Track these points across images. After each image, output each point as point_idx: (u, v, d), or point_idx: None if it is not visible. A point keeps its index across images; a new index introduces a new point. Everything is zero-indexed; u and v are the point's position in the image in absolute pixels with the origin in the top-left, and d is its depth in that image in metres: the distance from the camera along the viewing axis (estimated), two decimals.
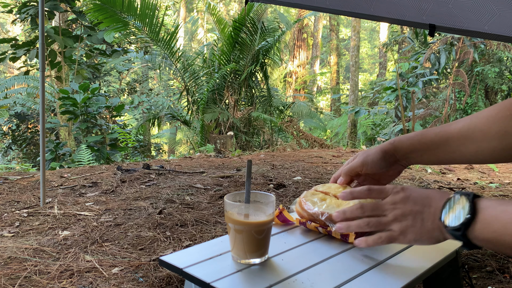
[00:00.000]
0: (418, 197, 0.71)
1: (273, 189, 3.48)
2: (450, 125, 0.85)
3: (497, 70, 8.96)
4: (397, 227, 0.71)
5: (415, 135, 0.87)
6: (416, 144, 0.86)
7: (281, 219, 0.93)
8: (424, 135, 0.86)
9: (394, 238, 0.71)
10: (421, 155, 0.86)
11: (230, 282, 0.66)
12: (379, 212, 0.74)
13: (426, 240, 0.70)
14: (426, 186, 3.68)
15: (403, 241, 0.71)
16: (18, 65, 10.67)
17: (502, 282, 1.94)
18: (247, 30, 8.38)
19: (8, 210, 2.77)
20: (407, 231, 0.70)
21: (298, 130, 8.90)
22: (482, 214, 0.62)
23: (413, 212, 0.70)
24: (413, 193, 0.73)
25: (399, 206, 0.72)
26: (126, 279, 1.79)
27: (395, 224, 0.72)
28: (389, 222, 0.72)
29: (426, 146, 0.85)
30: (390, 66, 17.15)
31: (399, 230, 0.71)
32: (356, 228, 0.75)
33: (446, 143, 0.83)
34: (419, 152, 0.86)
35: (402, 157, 0.88)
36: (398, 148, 0.87)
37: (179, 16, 18.56)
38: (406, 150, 0.87)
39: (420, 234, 0.69)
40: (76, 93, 6.37)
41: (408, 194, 0.72)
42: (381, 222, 0.73)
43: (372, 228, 0.74)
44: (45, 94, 3.10)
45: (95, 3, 6.92)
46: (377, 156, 0.87)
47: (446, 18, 2.30)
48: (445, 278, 0.94)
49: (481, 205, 0.63)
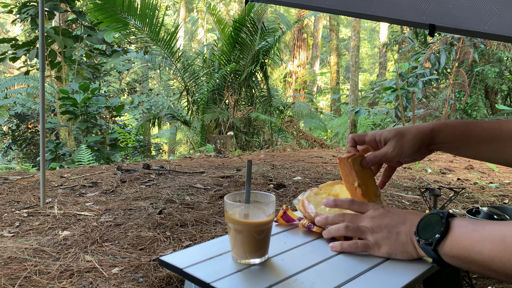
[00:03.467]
0: (395, 214, 0.75)
1: (273, 189, 3.48)
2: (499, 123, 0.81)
3: (497, 70, 8.96)
4: (372, 237, 0.75)
5: (458, 124, 0.83)
6: (458, 135, 0.82)
7: (285, 219, 0.93)
8: (470, 127, 0.82)
9: (369, 247, 0.75)
10: (457, 147, 0.83)
11: (230, 282, 0.66)
12: (358, 222, 0.77)
13: (399, 253, 0.73)
14: (426, 186, 3.68)
15: (377, 252, 0.75)
16: (18, 65, 10.67)
17: (502, 282, 1.95)
18: (247, 30, 8.38)
19: (8, 210, 2.77)
20: (381, 243, 0.74)
21: (298, 130, 8.91)
22: (453, 232, 0.65)
23: (389, 226, 0.74)
24: (392, 210, 0.76)
25: (376, 219, 0.76)
26: (126, 279, 1.79)
27: (371, 234, 0.75)
28: (365, 231, 0.76)
29: (468, 139, 0.82)
30: (390, 66, 17.15)
31: (374, 240, 0.75)
32: (335, 232, 0.79)
33: (492, 141, 0.81)
34: (458, 143, 0.83)
35: (437, 144, 0.83)
36: (437, 136, 0.83)
37: (179, 16, 18.56)
38: (445, 139, 0.83)
39: (394, 247, 0.73)
40: (76, 93, 6.37)
41: (387, 211, 0.76)
42: (358, 229, 0.76)
43: (349, 233, 0.77)
44: (45, 94, 3.10)
45: (95, 3, 6.92)
46: (415, 147, 0.82)
47: (446, 18, 2.30)
48: (445, 278, 0.94)
49: (453, 224, 0.66)
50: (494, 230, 0.60)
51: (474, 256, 0.60)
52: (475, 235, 0.61)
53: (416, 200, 3.29)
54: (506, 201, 3.43)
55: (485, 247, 0.59)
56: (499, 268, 0.58)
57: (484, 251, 0.59)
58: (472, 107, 9.26)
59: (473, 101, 9.24)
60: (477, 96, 9.23)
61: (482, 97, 9.38)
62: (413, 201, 3.25)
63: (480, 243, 0.60)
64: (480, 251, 0.60)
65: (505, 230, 0.58)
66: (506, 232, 0.58)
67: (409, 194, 3.47)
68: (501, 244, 0.57)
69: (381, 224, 0.75)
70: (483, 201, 3.41)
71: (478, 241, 0.60)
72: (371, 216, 0.76)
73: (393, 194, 3.44)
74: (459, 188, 1.49)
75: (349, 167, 0.85)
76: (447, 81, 9.65)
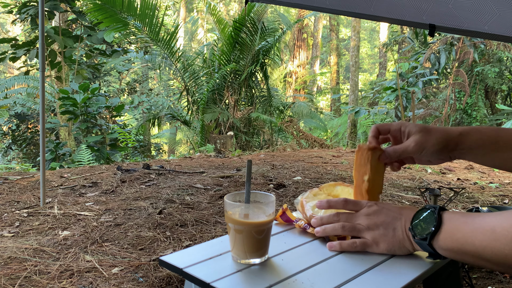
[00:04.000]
0: (390, 211, 0.76)
1: (273, 189, 3.48)
2: None
3: (497, 70, 8.96)
4: (370, 235, 0.75)
5: (486, 130, 0.80)
6: (486, 139, 0.79)
7: (284, 219, 0.93)
8: (498, 133, 0.79)
9: (368, 245, 0.75)
10: (484, 154, 0.80)
11: (230, 282, 0.66)
12: (353, 221, 0.78)
13: (398, 249, 0.74)
14: (426, 186, 3.68)
15: (376, 249, 0.75)
16: (18, 65, 10.67)
17: (502, 282, 1.95)
18: (247, 30, 8.38)
19: (8, 210, 2.77)
20: (379, 240, 0.74)
21: (298, 130, 8.91)
22: (446, 225, 0.67)
23: (385, 223, 0.74)
24: (386, 206, 0.77)
25: (371, 217, 0.76)
26: (126, 279, 1.79)
27: (368, 232, 0.76)
28: (362, 230, 0.76)
29: (496, 146, 0.78)
30: (390, 66, 17.15)
31: (372, 238, 0.75)
32: (332, 231, 0.79)
33: None
34: (485, 149, 0.79)
35: (462, 150, 0.80)
36: (464, 140, 0.79)
37: (179, 16, 18.56)
38: (472, 144, 0.79)
39: (392, 243, 0.74)
40: (76, 93, 6.37)
41: (381, 207, 0.77)
42: (355, 228, 0.77)
43: (346, 232, 0.77)
44: (45, 94, 3.10)
45: (95, 3, 6.92)
46: (437, 147, 0.79)
47: (446, 18, 2.30)
48: (445, 278, 0.94)
49: (445, 217, 0.68)
50: (485, 221, 0.62)
51: (467, 247, 0.63)
52: (467, 227, 0.63)
53: (416, 200, 3.29)
54: (506, 201, 3.43)
55: (477, 238, 0.61)
56: (491, 257, 0.60)
57: (475, 242, 0.61)
58: (472, 107, 9.26)
59: (473, 101, 9.24)
60: (477, 96, 9.24)
61: (482, 97, 9.38)
62: (413, 201, 3.25)
63: (471, 235, 0.62)
64: (472, 242, 0.62)
65: (495, 221, 0.60)
66: (495, 223, 0.60)
67: (409, 194, 3.47)
68: (491, 234, 0.59)
69: (377, 221, 0.75)
70: (483, 201, 3.41)
71: (469, 232, 0.63)
72: (366, 214, 0.77)
73: (393, 194, 3.44)
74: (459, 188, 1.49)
75: (366, 158, 0.83)
76: (447, 81, 9.65)
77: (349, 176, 4.20)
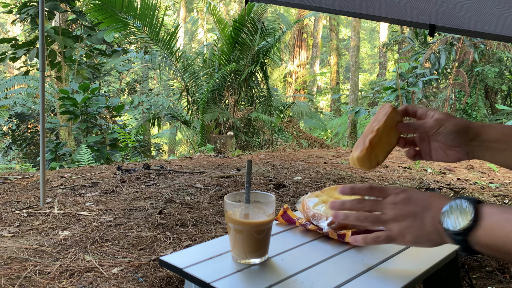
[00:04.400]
0: (419, 199, 0.70)
1: (273, 189, 3.48)
2: None
3: (497, 70, 8.96)
4: (396, 227, 0.70)
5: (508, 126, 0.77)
6: (508, 135, 0.75)
7: (285, 219, 0.93)
8: None
9: (393, 239, 0.70)
10: (504, 150, 0.76)
11: (230, 282, 0.66)
12: (378, 210, 0.72)
13: (424, 242, 0.69)
14: (426, 186, 3.68)
15: (401, 242, 0.70)
16: (18, 65, 10.66)
17: (502, 282, 1.95)
18: (247, 30, 8.38)
19: (8, 210, 2.77)
20: (405, 232, 0.69)
21: (298, 130, 8.90)
22: (485, 221, 0.61)
23: (413, 213, 0.69)
24: (415, 195, 0.71)
25: (399, 206, 0.70)
26: (126, 279, 1.79)
27: (394, 224, 0.70)
28: (388, 221, 0.71)
29: None
30: (390, 66, 17.15)
31: (398, 230, 0.70)
32: (354, 220, 0.73)
33: None
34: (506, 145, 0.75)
35: (482, 142, 0.77)
36: (485, 132, 0.77)
37: (179, 16, 18.56)
38: (492, 137, 0.76)
39: (419, 236, 0.68)
40: (76, 93, 6.37)
41: (409, 196, 0.71)
42: (379, 219, 0.71)
43: (369, 223, 0.72)
44: (45, 94, 3.10)
45: (95, 3, 6.92)
46: (456, 129, 0.76)
47: (446, 18, 2.30)
48: (445, 278, 0.94)
49: (484, 212, 0.62)
50: None
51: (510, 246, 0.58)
52: (510, 224, 0.59)
53: None
54: (506, 201, 3.43)
55: None
56: None
57: None
58: (472, 107, 9.26)
59: (473, 101, 9.24)
60: (477, 96, 9.24)
61: (482, 97, 9.38)
62: None
63: None
64: None
65: None
66: None
67: None
68: None
69: (404, 212, 0.70)
70: (483, 201, 3.41)
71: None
72: (393, 203, 0.71)
73: None
74: (459, 188, 1.49)
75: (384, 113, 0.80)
76: (447, 81, 9.65)
77: (349, 176, 4.20)
